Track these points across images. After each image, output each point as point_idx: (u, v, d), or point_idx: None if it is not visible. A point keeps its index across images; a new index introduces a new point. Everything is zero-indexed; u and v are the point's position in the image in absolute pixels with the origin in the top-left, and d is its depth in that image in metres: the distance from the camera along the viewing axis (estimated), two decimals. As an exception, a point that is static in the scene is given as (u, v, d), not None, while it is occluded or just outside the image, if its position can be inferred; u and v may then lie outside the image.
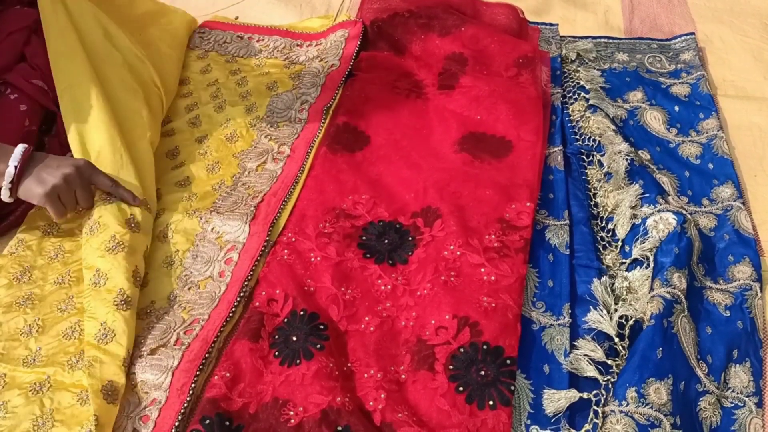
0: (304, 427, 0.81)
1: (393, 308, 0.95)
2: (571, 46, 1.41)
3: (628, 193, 1.06)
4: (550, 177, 1.13)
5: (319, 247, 1.01)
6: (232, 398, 0.84)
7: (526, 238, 0.99)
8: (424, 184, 1.10)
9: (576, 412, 0.85)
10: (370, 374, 0.87)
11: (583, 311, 0.94)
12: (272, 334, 0.91)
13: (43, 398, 0.84)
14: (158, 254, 1.02)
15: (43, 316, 0.93)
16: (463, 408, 0.83)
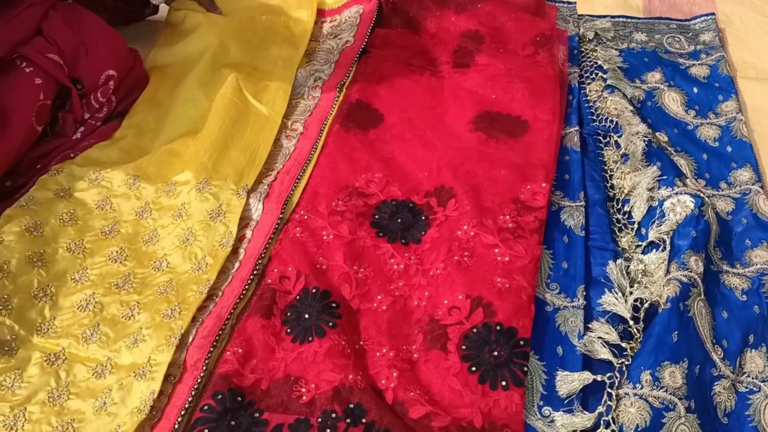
0: (316, 404, 0.81)
1: (405, 287, 0.94)
2: (589, 25, 1.39)
3: (645, 175, 1.05)
4: (566, 158, 1.11)
5: (332, 225, 1.01)
6: (244, 374, 0.84)
7: (541, 219, 0.98)
8: (438, 162, 1.09)
9: (589, 394, 0.84)
10: (382, 353, 0.87)
11: (598, 293, 0.94)
12: (284, 311, 0.91)
13: (59, 370, 0.86)
14: (175, 232, 1.02)
15: (57, 283, 0.94)
16: (475, 388, 0.82)
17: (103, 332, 0.90)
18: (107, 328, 0.90)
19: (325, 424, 0.79)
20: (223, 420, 0.79)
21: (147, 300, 0.93)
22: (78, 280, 0.95)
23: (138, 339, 0.89)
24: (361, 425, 0.78)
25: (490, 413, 0.80)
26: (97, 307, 0.92)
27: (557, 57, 1.26)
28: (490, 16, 1.35)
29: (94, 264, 0.97)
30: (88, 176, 1.06)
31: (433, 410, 0.80)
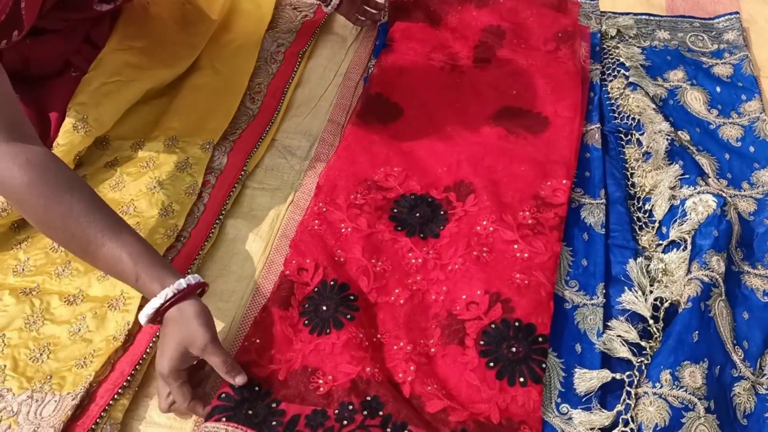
0: (333, 396, 0.81)
1: (423, 282, 0.94)
2: (611, 22, 1.38)
3: (667, 174, 1.04)
4: (586, 155, 1.10)
5: (350, 218, 1.00)
6: (262, 364, 0.84)
7: (561, 216, 0.98)
8: (457, 157, 1.08)
9: (607, 392, 0.84)
10: (399, 346, 0.87)
11: (617, 292, 0.93)
12: (302, 302, 0.91)
13: (33, 299, 0.90)
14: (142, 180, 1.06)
15: (31, 234, 0.98)
16: (493, 384, 0.82)
17: (74, 267, 0.94)
18: (78, 264, 0.94)
19: (342, 416, 0.79)
20: (241, 409, 0.79)
21: None
22: None
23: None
24: (378, 417, 0.78)
25: (507, 409, 0.80)
26: None
27: (579, 53, 1.25)
28: (512, 11, 1.34)
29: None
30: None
31: (451, 404, 0.80)
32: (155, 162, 1.08)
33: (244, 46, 1.30)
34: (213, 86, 1.22)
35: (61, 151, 1.01)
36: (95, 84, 1.09)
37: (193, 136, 1.12)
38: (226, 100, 1.20)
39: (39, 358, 0.85)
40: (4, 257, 0.96)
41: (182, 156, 1.10)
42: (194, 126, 1.14)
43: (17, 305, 0.90)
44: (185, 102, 1.19)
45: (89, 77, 1.10)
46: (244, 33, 1.33)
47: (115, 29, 1.18)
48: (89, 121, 1.05)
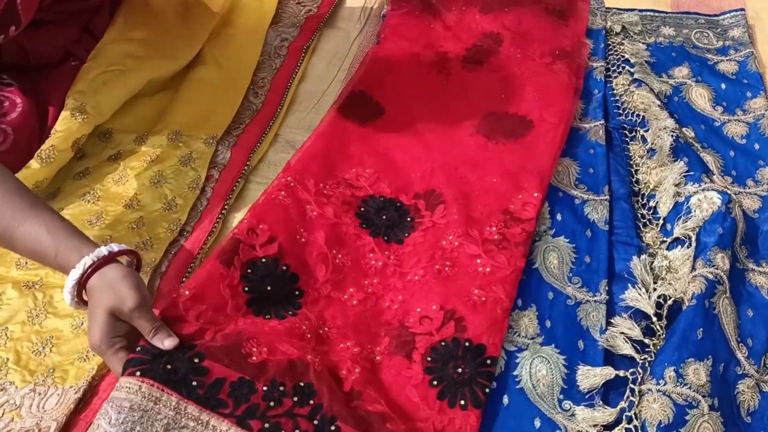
0: (267, 370, 0.75)
1: (380, 286, 0.91)
2: (616, 18, 1.37)
3: (672, 171, 1.03)
4: (590, 151, 1.10)
5: (318, 204, 0.97)
6: (188, 320, 0.77)
7: (528, 231, 0.95)
8: (432, 165, 1.06)
9: (610, 389, 0.83)
10: (346, 345, 0.84)
11: (621, 289, 0.92)
12: (246, 265, 0.85)
13: (36, 292, 0.90)
14: (146, 174, 1.06)
15: None
16: (433, 403, 0.79)
17: None
18: None
19: (271, 395, 0.73)
20: (158, 362, 0.72)
21: (119, 234, 0.98)
22: None
23: None
24: (307, 406, 0.74)
25: (443, 430, 0.77)
26: None
27: (574, 70, 1.23)
28: (515, 21, 1.32)
29: (69, 205, 1.01)
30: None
31: (391, 414, 0.77)
32: (159, 156, 1.08)
33: (247, 41, 1.30)
34: (216, 81, 1.22)
35: (59, 138, 1.02)
36: (93, 73, 1.10)
37: (196, 130, 1.13)
38: (229, 95, 1.20)
39: (42, 351, 0.85)
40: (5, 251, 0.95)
41: (185, 150, 1.10)
42: (198, 120, 1.15)
43: (20, 299, 0.90)
44: (189, 96, 1.19)
45: (88, 66, 1.10)
46: (247, 28, 1.33)
47: (115, 20, 1.17)
48: (87, 109, 1.05)
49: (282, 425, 0.71)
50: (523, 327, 0.88)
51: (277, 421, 0.72)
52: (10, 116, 1.01)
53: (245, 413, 0.71)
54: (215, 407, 0.71)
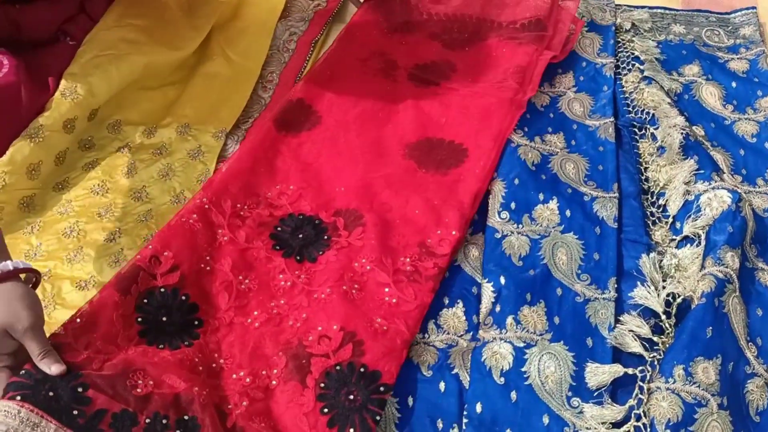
0: (151, 402, 0.74)
1: (285, 306, 0.90)
2: (626, 15, 1.37)
3: (682, 169, 1.03)
4: (600, 149, 1.10)
5: (230, 227, 0.96)
6: (76, 348, 0.76)
7: (440, 267, 0.94)
8: (357, 182, 1.04)
9: (618, 387, 0.83)
10: (239, 376, 0.83)
11: (629, 286, 0.92)
12: (143, 295, 0.84)
13: (45, 284, 0.91)
14: (155, 166, 1.08)
15: (43, 218, 0.99)
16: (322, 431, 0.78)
17: (86, 253, 0.95)
18: (90, 250, 0.95)
19: (153, 428, 0.72)
20: (41, 388, 0.70)
21: (128, 226, 0.99)
22: (63, 213, 1.00)
23: (120, 259, 0.94)
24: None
25: None
26: (81, 233, 0.97)
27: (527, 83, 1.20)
28: (473, 57, 1.29)
29: (78, 197, 1.02)
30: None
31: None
32: (168, 149, 1.09)
33: (256, 35, 1.30)
34: (225, 75, 1.22)
35: (47, 116, 1.02)
36: (87, 57, 1.10)
37: (205, 124, 1.13)
38: (238, 89, 1.20)
39: None
40: (16, 241, 0.96)
41: (194, 144, 1.10)
42: (207, 114, 1.15)
43: None
44: (198, 90, 1.19)
45: (82, 50, 1.10)
46: (256, 22, 1.33)
47: (114, 6, 1.17)
48: (78, 90, 1.06)
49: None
50: (532, 323, 0.88)
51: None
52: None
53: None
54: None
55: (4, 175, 0.96)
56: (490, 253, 0.96)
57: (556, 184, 1.04)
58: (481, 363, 0.85)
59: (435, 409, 0.83)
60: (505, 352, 0.85)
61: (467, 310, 0.92)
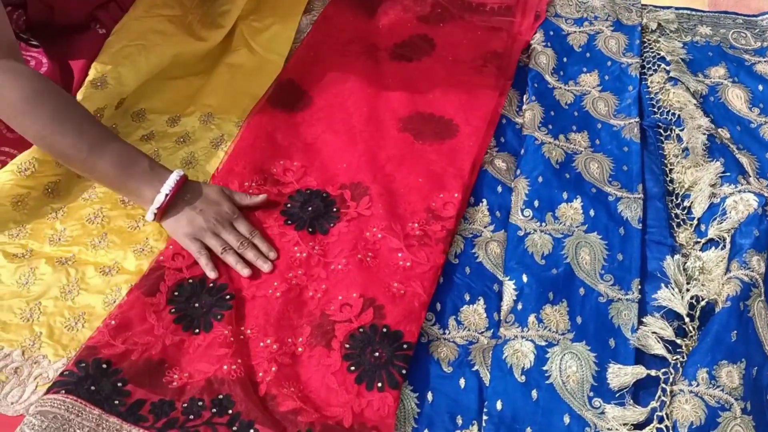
0: (185, 391, 0.79)
1: (304, 277, 0.92)
2: (652, 15, 1.36)
3: (707, 171, 1.02)
4: (624, 149, 1.09)
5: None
6: (114, 344, 0.81)
7: (448, 229, 0.96)
8: (359, 158, 1.06)
9: (640, 388, 0.83)
10: (266, 343, 0.85)
11: (653, 288, 0.92)
12: (172, 289, 0.88)
13: (69, 269, 0.91)
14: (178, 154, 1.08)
15: (67, 204, 0.99)
16: (351, 387, 0.81)
17: (111, 240, 0.95)
18: (114, 237, 0.95)
19: (190, 410, 0.77)
20: (83, 384, 0.75)
21: None
22: (87, 198, 1.00)
23: (145, 248, 0.94)
24: (226, 416, 0.77)
25: (362, 414, 0.79)
26: (105, 220, 0.98)
27: (503, 71, 1.23)
28: (450, 34, 1.32)
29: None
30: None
31: (303, 406, 0.79)
32: (191, 138, 1.09)
33: (280, 28, 1.30)
34: (249, 66, 1.22)
35: None
36: (116, 46, 1.11)
37: (228, 113, 1.13)
38: (261, 81, 1.20)
39: (74, 326, 0.86)
40: (40, 226, 0.96)
41: (217, 133, 1.10)
42: (230, 104, 1.15)
43: (53, 274, 0.90)
44: (221, 80, 1.19)
45: (111, 40, 1.11)
46: (281, 15, 1.32)
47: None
48: (108, 80, 1.06)
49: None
50: (554, 322, 0.87)
51: (196, 429, 0.75)
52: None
53: (165, 425, 0.75)
54: (136, 421, 0.75)
55: (34, 161, 0.97)
56: (513, 250, 0.96)
57: (580, 184, 1.03)
58: (502, 360, 0.85)
59: (455, 405, 0.83)
60: (527, 351, 0.85)
61: (488, 307, 0.92)
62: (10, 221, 0.96)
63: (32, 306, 0.87)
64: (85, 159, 0.90)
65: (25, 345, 0.83)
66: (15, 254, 0.93)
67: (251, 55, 1.24)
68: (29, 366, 0.82)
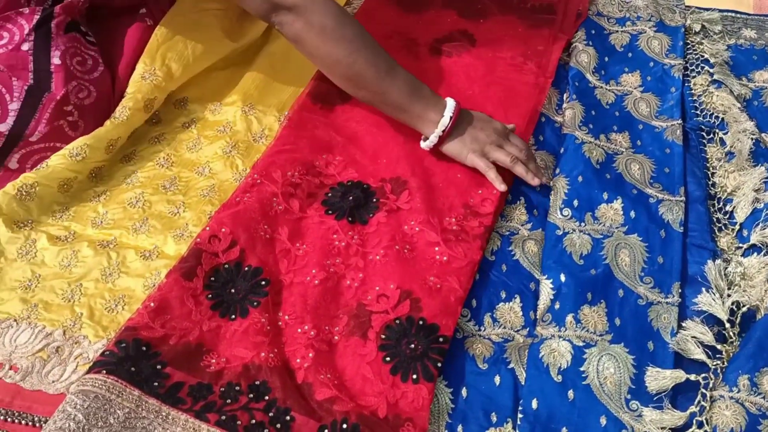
0: (223, 376, 0.80)
1: (342, 265, 0.92)
2: (696, 17, 1.34)
3: (751, 176, 1.01)
4: (666, 151, 1.08)
5: (284, 196, 0.98)
6: (153, 327, 0.81)
7: (486, 225, 0.96)
8: (398, 153, 1.06)
9: (678, 393, 0.82)
10: (303, 330, 0.85)
11: (693, 292, 0.91)
12: (209, 274, 0.88)
13: (110, 252, 0.93)
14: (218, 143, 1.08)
15: (110, 187, 1.01)
16: (386, 378, 0.81)
17: (151, 225, 0.96)
18: (155, 222, 0.96)
19: (227, 395, 0.77)
20: (124, 365, 0.76)
21: (191, 201, 1.00)
22: (130, 183, 1.02)
23: (185, 233, 0.95)
24: (262, 401, 0.77)
25: (396, 405, 0.79)
26: (146, 204, 0.99)
27: (544, 69, 1.22)
28: (490, 30, 1.31)
29: (143, 168, 1.04)
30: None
31: (338, 395, 0.79)
32: (232, 128, 1.10)
33: None
34: (288, 58, 1.22)
35: (131, 98, 1.04)
36: (165, 40, 1.11)
37: (269, 105, 1.14)
38: (301, 72, 1.19)
39: (114, 308, 0.87)
40: (83, 209, 0.98)
41: (257, 126, 1.11)
42: (270, 95, 1.15)
43: (95, 257, 0.92)
44: (261, 71, 1.20)
45: (159, 32, 1.11)
46: None
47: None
48: (157, 73, 1.07)
49: (238, 417, 0.75)
50: (592, 323, 0.87)
51: (233, 414, 0.76)
52: (93, 74, 1.04)
53: (203, 408, 0.76)
54: (174, 403, 0.75)
55: (85, 147, 0.98)
56: (551, 249, 0.95)
57: (621, 184, 1.02)
58: (538, 359, 0.84)
59: (489, 402, 0.83)
60: (564, 350, 0.84)
61: (524, 306, 0.92)
62: (54, 203, 0.97)
63: (73, 287, 0.89)
64: (382, 80, 0.99)
65: (66, 325, 0.85)
66: (58, 237, 0.94)
67: (291, 45, 1.24)
68: (70, 346, 0.83)
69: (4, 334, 0.83)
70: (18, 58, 0.98)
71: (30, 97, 0.98)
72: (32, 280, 0.89)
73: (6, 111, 0.97)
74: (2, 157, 0.99)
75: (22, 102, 0.98)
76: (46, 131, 1.00)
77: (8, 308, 0.86)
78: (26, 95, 0.98)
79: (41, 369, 0.81)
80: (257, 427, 0.75)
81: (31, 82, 0.99)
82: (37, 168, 0.97)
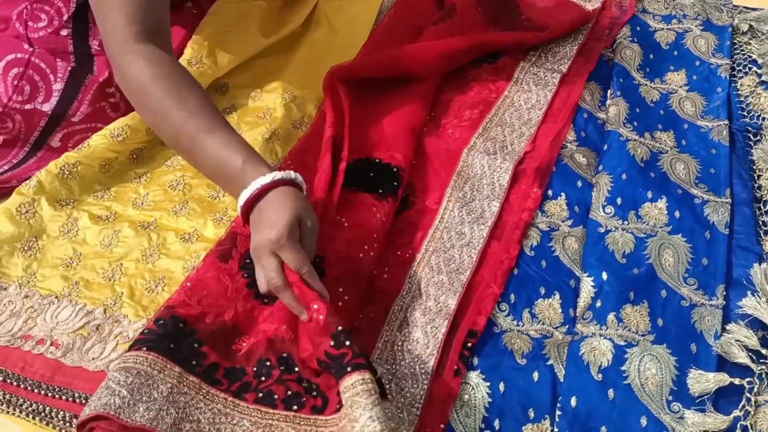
0: (252, 355, 0.79)
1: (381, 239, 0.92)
2: (743, 17, 1.31)
3: (800, 179, 0.99)
4: (712, 151, 1.06)
5: (318, 178, 0.96)
6: (190, 304, 0.81)
7: (525, 221, 0.97)
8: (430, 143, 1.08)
9: (721, 396, 0.80)
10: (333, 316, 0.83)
11: (738, 295, 0.89)
12: (244, 256, 0.87)
13: (151, 233, 0.93)
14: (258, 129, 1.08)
15: (151, 169, 1.01)
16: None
17: (192, 208, 0.97)
18: (195, 205, 0.97)
19: (260, 372, 0.77)
20: (163, 342, 0.76)
21: None
22: (170, 165, 1.02)
23: (224, 217, 0.95)
24: (294, 373, 0.77)
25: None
26: (187, 187, 0.99)
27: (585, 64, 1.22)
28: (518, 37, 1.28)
29: None
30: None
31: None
32: (272, 115, 1.10)
33: (363, 7, 1.30)
34: (331, 44, 1.23)
35: None
36: (211, 29, 1.12)
37: (310, 95, 1.13)
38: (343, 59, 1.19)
39: (154, 289, 0.87)
40: (125, 189, 0.98)
41: (298, 114, 1.11)
42: (310, 83, 1.15)
43: (135, 237, 0.92)
44: (302, 58, 1.20)
45: (206, 21, 1.12)
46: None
47: None
48: (203, 60, 1.08)
49: (274, 391, 0.75)
50: (634, 322, 0.85)
51: (269, 389, 0.76)
52: None
53: (239, 389, 0.76)
54: (212, 383, 0.75)
55: (126, 128, 0.99)
56: (592, 247, 0.94)
57: (665, 183, 1.01)
58: (578, 357, 0.83)
59: (527, 397, 0.82)
60: (605, 349, 0.83)
61: (564, 303, 0.90)
62: (96, 182, 0.98)
63: (114, 267, 0.89)
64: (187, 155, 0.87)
65: (106, 304, 0.85)
66: (99, 216, 0.95)
67: (333, 33, 1.24)
68: (110, 324, 0.83)
69: (46, 310, 0.84)
70: (58, 41, 0.99)
71: (73, 78, 1.00)
72: (74, 258, 0.90)
73: (50, 91, 0.99)
74: (45, 136, 1.00)
75: (65, 83, 0.99)
76: (89, 112, 1.01)
77: (50, 285, 0.87)
78: (69, 76, 1.00)
79: (82, 346, 0.81)
80: (294, 397, 0.75)
81: (74, 64, 1.00)
82: (79, 147, 0.99)
